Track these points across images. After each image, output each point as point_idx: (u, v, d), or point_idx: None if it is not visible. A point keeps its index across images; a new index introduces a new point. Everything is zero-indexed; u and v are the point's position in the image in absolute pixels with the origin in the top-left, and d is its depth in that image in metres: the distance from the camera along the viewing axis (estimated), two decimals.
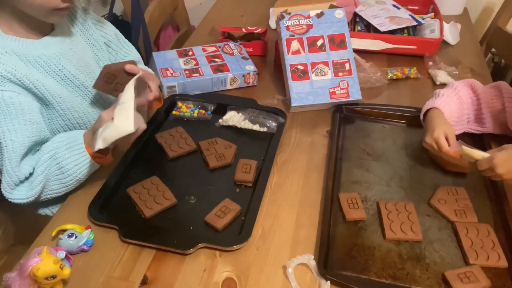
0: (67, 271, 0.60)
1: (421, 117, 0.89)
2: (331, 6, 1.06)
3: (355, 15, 1.33)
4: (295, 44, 1.03)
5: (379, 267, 0.68)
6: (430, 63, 1.17)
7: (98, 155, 0.75)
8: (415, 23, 1.27)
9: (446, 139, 0.80)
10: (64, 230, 0.70)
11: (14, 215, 0.93)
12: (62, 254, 0.64)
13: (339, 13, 1.04)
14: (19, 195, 0.72)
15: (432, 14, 1.34)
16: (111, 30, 0.95)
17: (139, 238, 0.71)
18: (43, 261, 0.58)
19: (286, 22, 1.03)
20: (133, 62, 0.82)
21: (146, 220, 0.75)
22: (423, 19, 1.31)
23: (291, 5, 1.07)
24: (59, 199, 0.79)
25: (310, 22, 1.03)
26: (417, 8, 1.43)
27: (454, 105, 0.87)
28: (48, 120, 0.79)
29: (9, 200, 0.73)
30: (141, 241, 0.71)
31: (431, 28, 1.24)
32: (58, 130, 0.81)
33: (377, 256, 0.70)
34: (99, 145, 0.69)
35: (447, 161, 0.84)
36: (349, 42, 1.03)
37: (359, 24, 1.31)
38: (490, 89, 0.89)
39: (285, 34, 1.03)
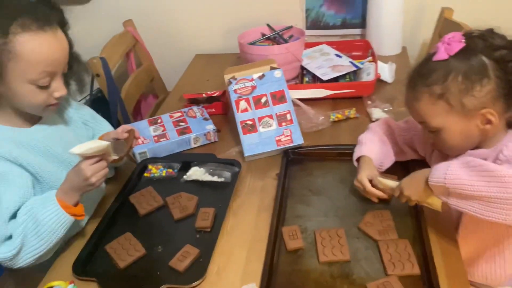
0: None
1: (355, 163, 1.03)
2: (271, 68, 1.24)
3: (303, 68, 1.51)
4: (243, 104, 1.20)
5: (313, 287, 0.81)
6: (369, 102, 1.34)
7: (68, 206, 0.88)
8: (354, 68, 1.45)
9: (371, 180, 0.94)
10: (52, 287, 0.85)
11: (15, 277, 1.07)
12: None
13: (278, 73, 1.22)
14: (2, 253, 0.84)
15: (370, 58, 1.52)
16: (87, 111, 1.15)
17: (115, 286, 0.85)
18: None
19: (233, 86, 1.21)
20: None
21: (121, 270, 0.89)
22: (362, 64, 1.49)
23: (238, 71, 1.25)
24: (50, 262, 0.94)
25: (254, 84, 1.21)
26: (360, 53, 1.62)
27: (378, 147, 1.02)
28: (40, 191, 0.94)
29: None
30: None
31: (367, 72, 1.42)
32: None
33: (312, 278, 0.83)
34: (76, 150, 0.85)
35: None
36: (288, 96, 1.20)
37: (307, 76, 1.50)
38: (402, 124, 1.05)
39: (233, 97, 1.20)
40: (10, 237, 0.86)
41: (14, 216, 0.87)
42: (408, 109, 0.91)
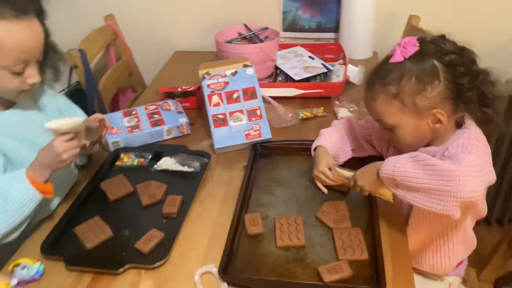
0: None
1: (312, 153, 1.10)
2: (244, 66, 1.29)
3: (277, 68, 1.57)
4: (215, 98, 1.25)
5: (269, 269, 0.86)
6: (337, 102, 1.40)
7: (38, 183, 0.91)
8: (325, 70, 1.52)
9: (330, 169, 1.01)
10: (19, 264, 0.88)
11: None
12: (14, 281, 0.81)
13: (250, 71, 1.27)
14: None
15: (342, 61, 1.59)
16: (62, 100, 1.18)
17: (80, 265, 0.89)
18: None
19: (207, 81, 1.26)
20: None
21: (88, 251, 0.93)
22: (333, 66, 1.55)
23: (212, 67, 1.30)
24: (19, 244, 0.96)
25: (227, 79, 1.26)
26: (332, 56, 1.69)
27: (335, 139, 1.08)
28: (11, 171, 0.97)
29: None
30: (82, 267, 0.89)
31: (337, 74, 1.49)
32: None
33: (269, 261, 0.88)
34: (52, 124, 0.90)
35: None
36: (259, 93, 1.25)
37: (280, 75, 1.56)
38: (363, 122, 1.12)
39: (206, 91, 1.25)
40: None
41: None
42: (366, 107, 0.98)
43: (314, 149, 1.09)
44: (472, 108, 0.89)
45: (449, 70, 0.86)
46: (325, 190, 1.04)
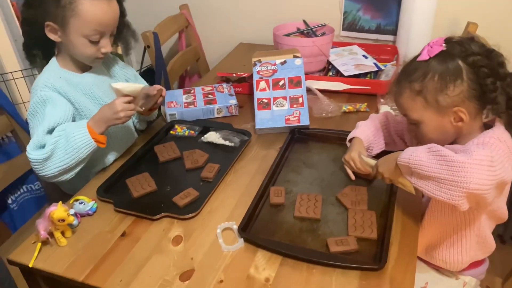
0: (71, 218, 0.94)
1: (347, 143, 1.16)
2: (294, 56, 1.39)
3: (329, 63, 1.64)
4: (262, 84, 1.36)
5: (282, 234, 0.95)
6: (382, 100, 1.45)
7: (94, 132, 1.07)
8: (376, 69, 1.56)
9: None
10: (78, 200, 1.06)
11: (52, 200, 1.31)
12: (72, 211, 0.98)
13: (298, 61, 1.37)
14: (35, 155, 1.05)
15: (394, 62, 1.62)
16: (131, 71, 1.37)
17: (126, 208, 1.05)
18: (57, 209, 0.93)
19: (257, 68, 1.38)
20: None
21: (134, 199, 1.09)
22: (385, 66, 1.59)
23: (264, 56, 1.41)
24: (82, 183, 1.15)
25: (276, 68, 1.37)
26: (387, 57, 1.72)
27: (370, 132, 1.14)
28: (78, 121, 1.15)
29: (28, 158, 1.05)
30: (127, 210, 1.04)
31: (387, 73, 1.53)
32: None
33: (284, 228, 0.97)
34: (117, 85, 1.07)
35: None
36: (304, 83, 1.34)
37: (331, 70, 1.63)
38: (399, 118, 1.16)
39: (255, 77, 1.37)
40: (43, 146, 1.06)
41: (51, 131, 1.08)
42: (394, 101, 1.03)
43: (349, 140, 1.16)
44: (498, 110, 0.91)
45: (473, 71, 0.89)
46: (352, 176, 1.10)
